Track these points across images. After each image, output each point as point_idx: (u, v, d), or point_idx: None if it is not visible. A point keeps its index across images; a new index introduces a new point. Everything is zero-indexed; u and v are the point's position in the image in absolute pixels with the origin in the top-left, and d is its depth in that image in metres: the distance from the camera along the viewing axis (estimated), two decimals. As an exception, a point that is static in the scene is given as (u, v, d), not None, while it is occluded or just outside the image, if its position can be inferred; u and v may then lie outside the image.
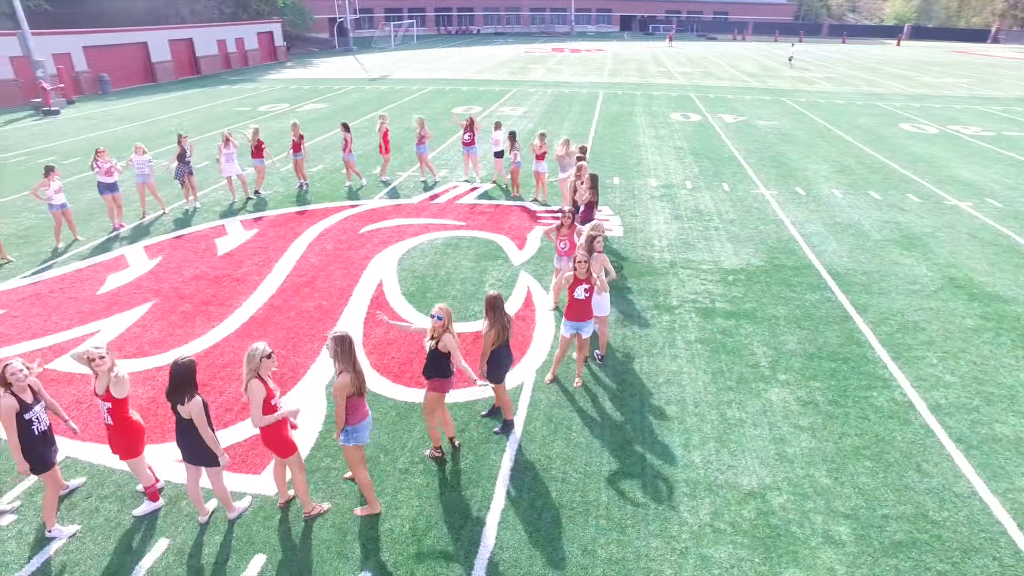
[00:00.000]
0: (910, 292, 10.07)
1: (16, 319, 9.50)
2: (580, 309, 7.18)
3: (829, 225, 13.08)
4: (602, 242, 7.85)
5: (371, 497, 5.75)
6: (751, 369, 7.96)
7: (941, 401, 7.35)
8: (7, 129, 24.80)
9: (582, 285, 7.09)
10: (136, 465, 5.66)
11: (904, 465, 6.34)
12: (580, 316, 7.22)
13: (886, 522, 5.66)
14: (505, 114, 25.76)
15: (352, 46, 60.79)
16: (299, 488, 5.68)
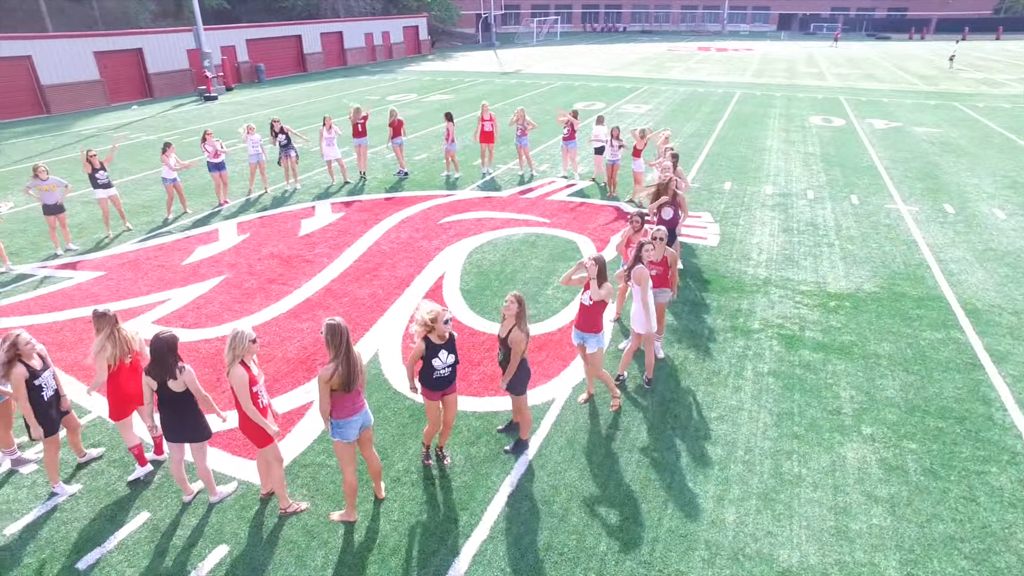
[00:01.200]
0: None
1: (110, 281, 10.21)
2: (582, 316, 6.31)
3: (978, 251, 10.90)
4: (650, 251, 6.84)
5: (350, 503, 5.32)
6: (829, 416, 6.62)
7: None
8: (173, 112, 27.62)
9: (587, 291, 6.22)
10: (122, 427, 5.69)
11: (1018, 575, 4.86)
12: (581, 325, 6.35)
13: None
14: (627, 112, 24.65)
15: (495, 41, 61.78)
16: (276, 481, 5.39)
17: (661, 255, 7.23)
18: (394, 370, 7.57)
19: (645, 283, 6.60)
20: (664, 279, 7.36)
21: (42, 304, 9.47)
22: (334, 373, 4.81)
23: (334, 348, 4.82)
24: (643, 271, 6.65)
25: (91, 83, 28.59)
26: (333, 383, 4.83)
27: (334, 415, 4.96)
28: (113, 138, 11.95)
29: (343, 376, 4.84)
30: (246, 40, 36.35)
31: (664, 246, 7.22)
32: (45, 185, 10.83)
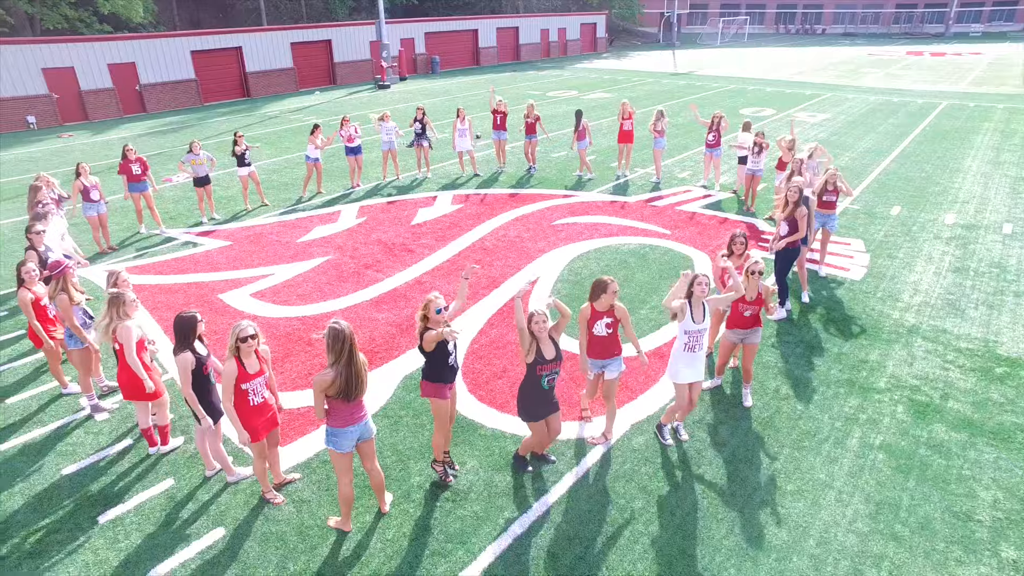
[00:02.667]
0: None
1: (232, 252, 11.00)
2: (600, 344, 5.53)
3: None
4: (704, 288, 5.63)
5: (345, 512, 5.04)
6: (953, 520, 5.14)
7: None
8: (347, 98, 29.79)
9: (603, 319, 5.34)
10: (137, 407, 5.83)
11: None
12: (600, 353, 5.59)
13: None
14: (799, 120, 22.21)
15: (675, 41, 59.42)
16: (255, 468, 5.25)
17: (756, 292, 6.12)
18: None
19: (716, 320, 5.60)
20: (757, 319, 6.23)
21: (171, 266, 10.41)
22: (333, 381, 4.51)
23: (335, 354, 4.52)
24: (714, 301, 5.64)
25: (285, 71, 31.73)
26: (330, 391, 4.54)
27: (329, 423, 4.68)
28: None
29: (342, 385, 4.53)
30: (424, 33, 38.22)
31: (759, 281, 6.11)
32: (197, 159, 11.91)
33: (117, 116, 26.13)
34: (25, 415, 6.75)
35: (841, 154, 16.93)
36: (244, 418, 4.97)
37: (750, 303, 6.11)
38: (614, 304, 5.47)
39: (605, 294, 5.36)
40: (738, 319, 6.25)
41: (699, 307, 5.51)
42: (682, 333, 5.54)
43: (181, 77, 27.84)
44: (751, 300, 6.10)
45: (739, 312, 6.22)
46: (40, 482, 5.75)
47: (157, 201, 12.79)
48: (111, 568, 4.82)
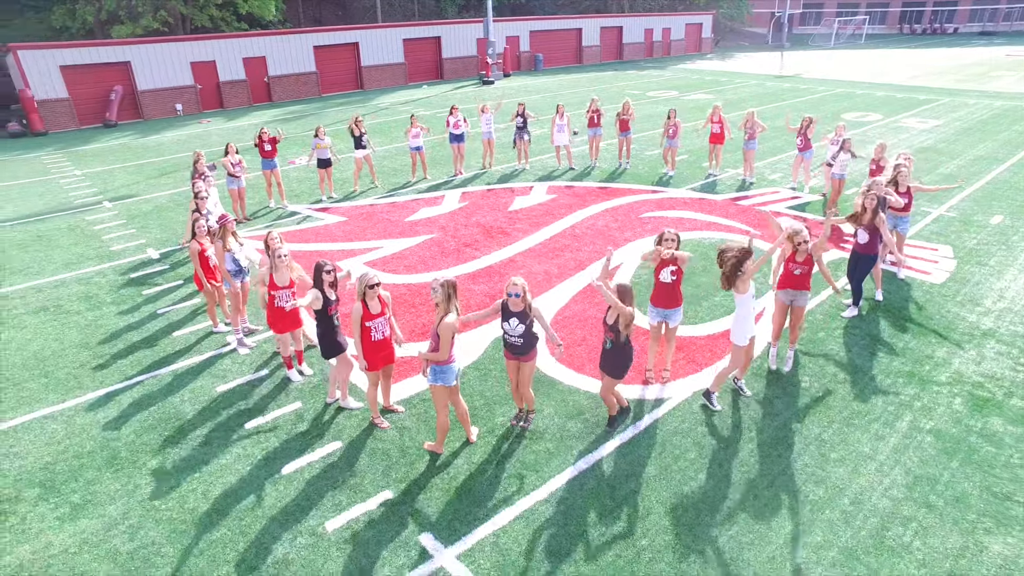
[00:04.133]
0: None
1: (347, 227, 12.44)
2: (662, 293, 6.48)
3: None
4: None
5: (440, 438, 6.07)
6: (990, 497, 5.50)
7: None
8: (452, 92, 31.37)
9: (668, 267, 6.21)
10: (280, 341, 7.11)
11: None
12: (663, 302, 6.53)
13: None
14: (906, 126, 21.47)
15: (785, 42, 57.49)
16: (368, 395, 6.41)
17: (805, 253, 6.73)
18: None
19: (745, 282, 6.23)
20: (806, 279, 6.82)
21: (296, 236, 11.96)
22: (455, 322, 5.54)
23: (451, 302, 5.55)
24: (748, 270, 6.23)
25: (396, 65, 33.79)
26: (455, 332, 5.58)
27: (440, 363, 5.67)
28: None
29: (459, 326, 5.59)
30: (529, 31, 39.35)
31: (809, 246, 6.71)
32: (322, 144, 13.48)
33: (247, 105, 28.96)
34: (187, 345, 8.30)
35: (947, 162, 16.44)
36: (366, 351, 6.11)
37: (800, 263, 6.66)
38: (676, 253, 6.25)
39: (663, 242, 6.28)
40: (788, 278, 6.83)
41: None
42: (751, 299, 6.21)
43: (304, 70, 30.38)
44: (801, 260, 6.65)
45: (789, 271, 6.81)
46: (202, 396, 7.18)
47: (290, 181, 14.52)
48: (256, 460, 6.10)
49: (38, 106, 23.52)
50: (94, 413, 6.98)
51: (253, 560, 5.00)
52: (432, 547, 5.07)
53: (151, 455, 6.27)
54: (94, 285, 10.30)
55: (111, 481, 5.94)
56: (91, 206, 14.62)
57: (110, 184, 16.51)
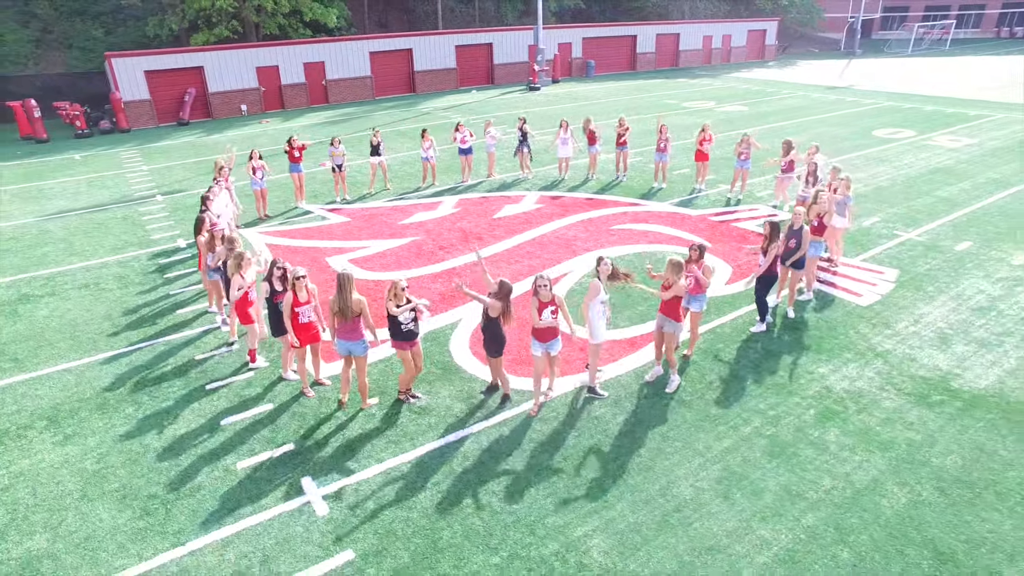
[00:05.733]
0: None
1: (348, 227, 14.09)
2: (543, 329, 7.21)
3: None
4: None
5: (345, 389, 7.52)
6: (783, 493, 6.39)
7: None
8: (498, 98, 32.82)
9: (548, 307, 7.08)
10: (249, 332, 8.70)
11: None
12: (543, 337, 7.25)
13: None
14: (936, 145, 21.16)
15: (857, 49, 55.56)
16: (299, 368, 7.94)
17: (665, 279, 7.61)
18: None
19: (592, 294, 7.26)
20: (673, 308, 7.68)
21: (300, 233, 13.72)
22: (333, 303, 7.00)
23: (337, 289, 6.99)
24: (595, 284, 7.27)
25: (448, 71, 35.58)
26: (332, 308, 7.03)
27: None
28: (226, 147, 15.60)
29: (339, 305, 7.00)
30: (582, 38, 40.28)
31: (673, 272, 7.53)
32: (336, 151, 15.22)
33: (305, 106, 31.47)
34: (185, 321, 10.11)
35: (951, 184, 16.42)
36: (295, 330, 7.62)
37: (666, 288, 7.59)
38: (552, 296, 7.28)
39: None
40: (660, 304, 7.77)
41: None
42: (597, 304, 7.30)
43: (359, 74, 32.64)
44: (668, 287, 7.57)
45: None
46: (182, 362, 8.92)
47: (311, 182, 16.36)
48: (206, 414, 7.72)
49: (124, 106, 26.68)
50: (100, 369, 8.84)
51: (177, 483, 6.60)
52: (307, 487, 6.51)
53: (130, 404, 8.02)
54: (129, 268, 12.37)
55: (96, 420, 7.72)
56: (146, 198, 16.98)
57: (167, 178, 18.94)
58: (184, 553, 5.77)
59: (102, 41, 32.78)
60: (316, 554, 5.74)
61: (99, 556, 5.77)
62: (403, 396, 7.88)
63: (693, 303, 8.39)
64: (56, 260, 12.89)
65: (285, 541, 5.88)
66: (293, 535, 5.95)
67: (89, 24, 33.63)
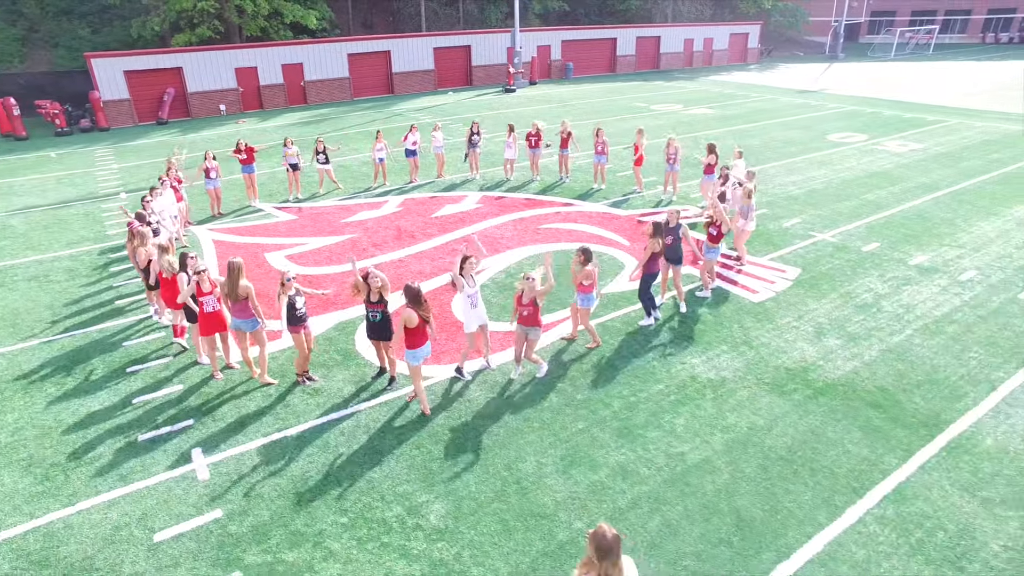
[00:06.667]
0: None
1: (292, 224, 14.85)
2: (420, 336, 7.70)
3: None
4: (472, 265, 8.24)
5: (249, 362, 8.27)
6: (586, 467, 7.13)
7: None
8: (471, 100, 33.56)
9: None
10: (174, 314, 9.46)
11: None
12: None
13: None
14: (885, 150, 21.81)
15: (840, 52, 56.15)
16: (209, 354, 8.68)
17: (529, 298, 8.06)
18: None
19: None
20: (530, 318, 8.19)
21: (246, 231, 14.47)
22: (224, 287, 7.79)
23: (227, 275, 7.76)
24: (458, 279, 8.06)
25: (426, 72, 36.31)
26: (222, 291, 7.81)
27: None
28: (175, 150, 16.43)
29: (227, 289, 7.78)
30: (561, 41, 40.96)
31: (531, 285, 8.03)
32: (288, 152, 15.98)
33: (284, 106, 32.24)
34: (120, 310, 10.87)
35: (877, 189, 17.10)
36: (200, 319, 8.39)
37: (525, 304, 8.13)
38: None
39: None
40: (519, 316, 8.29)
41: (469, 278, 7.99)
42: (464, 297, 8.05)
43: (337, 75, 33.38)
44: (526, 303, 8.11)
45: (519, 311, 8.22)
46: (110, 348, 9.66)
47: (271, 181, 17.11)
48: (121, 393, 8.48)
49: (104, 106, 27.46)
50: (31, 353, 9.60)
51: (80, 453, 7.36)
52: (196, 456, 7.26)
53: (53, 385, 8.77)
54: (79, 262, 13.14)
55: (19, 399, 8.48)
56: (111, 196, 17.76)
57: (135, 176, 19.72)
58: (72, 512, 6.53)
59: (88, 41, 33.58)
60: (189, 512, 6.49)
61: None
62: (300, 378, 8.63)
63: (582, 301, 9.09)
64: (12, 253, 13.66)
65: (165, 502, 6.64)
66: (173, 497, 6.70)
67: (76, 23, 34.43)
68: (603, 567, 3.85)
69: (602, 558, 3.85)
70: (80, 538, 6.20)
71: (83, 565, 5.90)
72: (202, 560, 5.94)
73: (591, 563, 3.93)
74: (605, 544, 3.83)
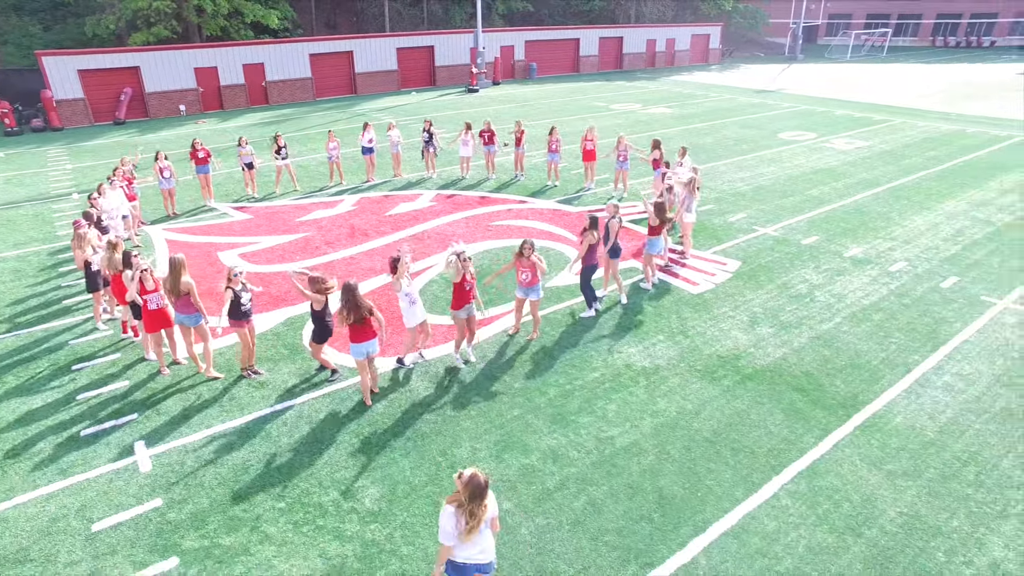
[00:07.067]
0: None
1: (247, 224, 14.90)
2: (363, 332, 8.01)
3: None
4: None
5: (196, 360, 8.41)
6: (519, 447, 7.45)
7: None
8: (435, 100, 33.71)
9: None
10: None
11: None
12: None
13: None
14: (832, 147, 22.59)
15: (799, 54, 57.58)
16: (155, 350, 8.80)
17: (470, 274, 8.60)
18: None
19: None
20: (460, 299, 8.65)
21: (201, 230, 14.50)
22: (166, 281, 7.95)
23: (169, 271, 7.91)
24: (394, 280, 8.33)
25: (389, 72, 36.37)
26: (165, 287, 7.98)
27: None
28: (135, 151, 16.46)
29: (169, 285, 7.93)
30: (524, 41, 41.35)
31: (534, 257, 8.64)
32: (243, 151, 16.02)
33: (245, 106, 32.03)
34: (68, 309, 10.87)
35: (822, 185, 17.75)
36: (144, 316, 8.50)
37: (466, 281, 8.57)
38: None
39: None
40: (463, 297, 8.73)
41: (405, 278, 8.29)
42: (403, 295, 8.32)
43: (299, 75, 33.26)
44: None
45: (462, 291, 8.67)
46: (57, 347, 9.67)
47: (229, 180, 17.10)
48: (66, 390, 8.53)
49: (56, 105, 26.99)
50: (-25, 354, 9.59)
51: (19, 450, 7.42)
52: (138, 449, 7.39)
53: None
54: (26, 262, 13.04)
55: (-40, 398, 8.48)
56: (62, 196, 17.56)
57: (88, 177, 19.49)
58: (8, 506, 6.62)
59: (39, 38, 32.92)
60: (129, 503, 6.63)
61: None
62: (245, 372, 8.79)
63: (531, 293, 9.39)
64: (-42, 255, 13.50)
65: (105, 493, 6.76)
66: (114, 488, 6.83)
67: (26, 20, 33.70)
68: (472, 506, 4.45)
69: (472, 499, 4.44)
70: (15, 531, 6.30)
71: (17, 557, 6.01)
72: (139, 547, 6.09)
73: (461, 502, 4.47)
74: (479, 489, 4.45)
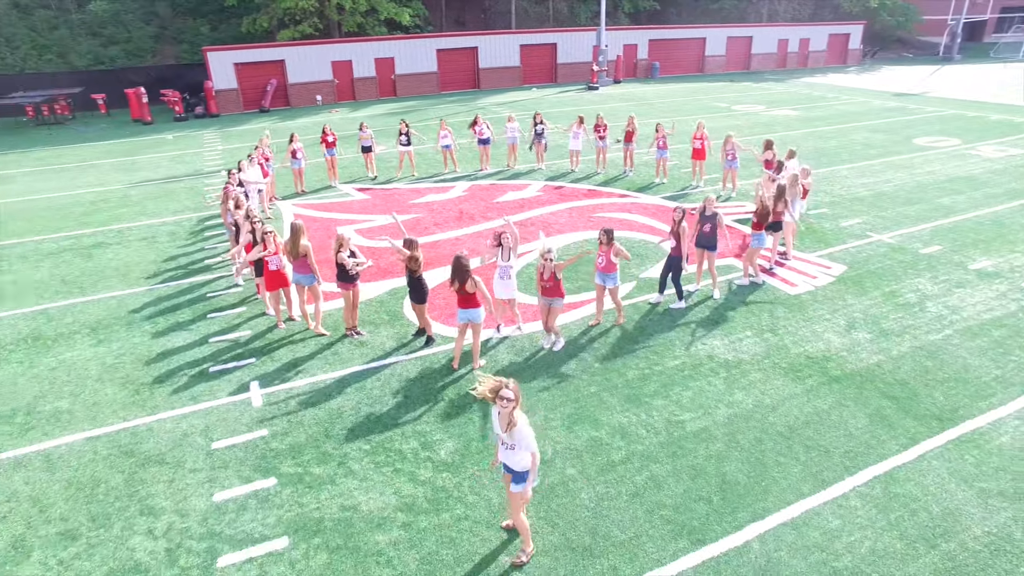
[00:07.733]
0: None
1: (365, 203, 16.17)
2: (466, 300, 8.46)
3: None
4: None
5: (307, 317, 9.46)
6: (598, 421, 7.72)
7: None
8: (554, 96, 34.27)
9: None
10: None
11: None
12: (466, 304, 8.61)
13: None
14: (977, 154, 20.71)
15: (956, 54, 52.50)
16: (272, 306, 9.94)
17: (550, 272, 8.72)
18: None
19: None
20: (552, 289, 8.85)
21: (325, 207, 15.92)
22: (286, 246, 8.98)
23: (290, 235, 8.94)
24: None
25: (512, 68, 37.34)
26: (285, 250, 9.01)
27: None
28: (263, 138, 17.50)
29: (289, 247, 8.95)
30: (648, 40, 40.89)
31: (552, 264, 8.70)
32: (363, 135, 17.41)
33: (375, 98, 34.22)
34: (209, 266, 12.45)
35: (956, 194, 16.44)
36: (265, 276, 9.67)
37: (545, 279, 8.81)
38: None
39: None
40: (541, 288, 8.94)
41: (506, 252, 8.77)
42: (500, 267, 8.87)
43: (426, 70, 35.03)
44: (547, 277, 8.76)
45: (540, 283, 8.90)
46: (197, 296, 11.18)
47: (353, 164, 18.63)
48: (200, 332, 9.89)
49: (215, 95, 30.32)
50: (136, 298, 11.28)
51: (163, 378, 8.74)
52: (253, 387, 8.47)
53: (149, 323, 10.33)
54: (180, 227, 15.00)
55: (123, 332, 10.07)
56: (213, 173, 19.85)
57: (236, 157, 21.80)
58: (153, 420, 7.87)
59: (207, 36, 37.00)
60: (242, 429, 7.67)
61: (99, 415, 7.98)
62: (349, 331, 9.72)
63: (607, 280, 9.63)
64: (129, 218, 15.76)
65: (224, 420, 7.86)
66: (230, 417, 7.91)
67: (199, 22, 37.98)
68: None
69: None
70: (156, 439, 7.51)
71: (157, 459, 7.18)
72: (247, 465, 7.06)
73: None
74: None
